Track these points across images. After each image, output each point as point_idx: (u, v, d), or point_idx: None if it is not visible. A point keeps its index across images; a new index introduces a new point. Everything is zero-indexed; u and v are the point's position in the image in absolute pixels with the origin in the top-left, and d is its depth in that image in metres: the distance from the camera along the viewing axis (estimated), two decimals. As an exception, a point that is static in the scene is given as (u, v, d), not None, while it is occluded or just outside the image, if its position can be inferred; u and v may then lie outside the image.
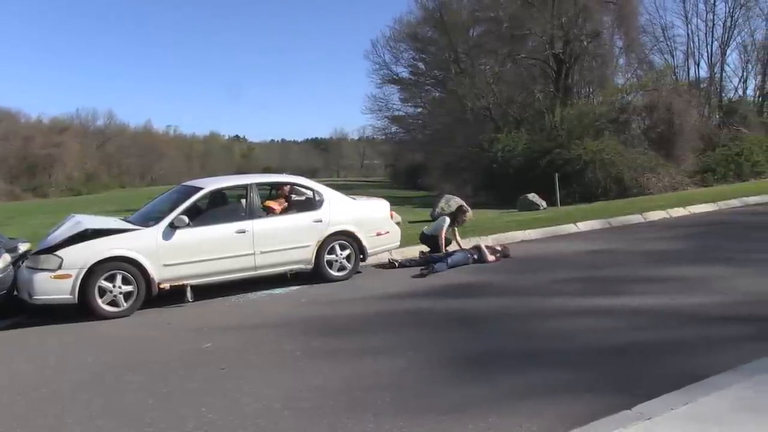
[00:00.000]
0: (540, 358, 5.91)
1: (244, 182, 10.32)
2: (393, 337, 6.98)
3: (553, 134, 29.01)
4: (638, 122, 31.06)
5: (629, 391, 4.88)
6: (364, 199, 11.82)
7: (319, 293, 9.54)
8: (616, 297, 8.03)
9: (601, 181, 25.32)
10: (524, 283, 9.35)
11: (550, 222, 15.45)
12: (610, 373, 5.38)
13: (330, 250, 10.32)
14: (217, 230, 9.47)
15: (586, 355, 5.87)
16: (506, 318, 7.42)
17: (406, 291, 9.40)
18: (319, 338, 7.06)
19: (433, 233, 11.98)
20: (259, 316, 8.32)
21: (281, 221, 10.11)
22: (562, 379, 5.34)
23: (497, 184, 28.83)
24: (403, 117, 53.28)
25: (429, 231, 12.14)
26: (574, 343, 6.27)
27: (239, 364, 6.29)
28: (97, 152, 79.28)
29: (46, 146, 68.28)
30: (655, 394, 4.68)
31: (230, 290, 9.73)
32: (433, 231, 12.03)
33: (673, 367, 5.42)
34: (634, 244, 12.26)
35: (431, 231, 12.08)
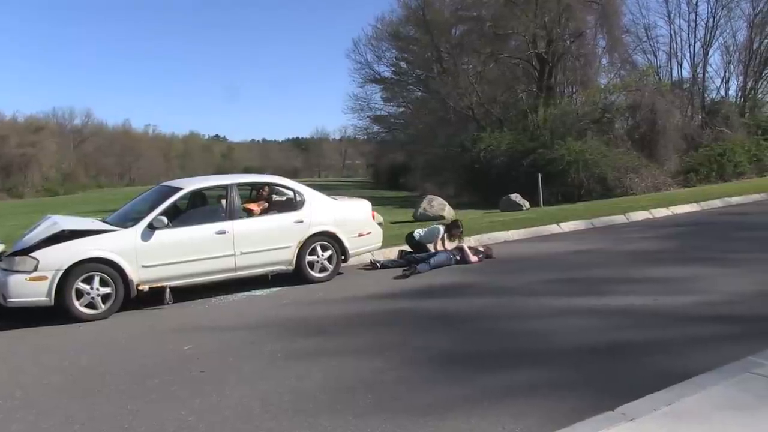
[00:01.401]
0: (523, 358, 5.94)
1: (224, 182, 10.28)
2: (375, 337, 6.99)
3: (536, 134, 29.15)
4: (621, 122, 31.26)
5: (612, 392, 4.92)
6: (345, 200, 11.81)
7: (301, 294, 9.53)
8: (599, 297, 8.09)
9: (584, 181, 25.45)
10: (507, 284, 9.39)
11: (533, 222, 15.52)
12: (593, 374, 5.42)
13: (311, 251, 10.31)
14: (197, 231, 9.44)
15: (569, 356, 5.91)
16: (489, 318, 7.45)
17: (388, 292, 9.41)
18: (300, 339, 7.06)
19: (427, 241, 11.99)
20: (240, 318, 8.30)
21: (262, 222, 10.09)
22: (545, 379, 5.37)
23: (480, 184, 28.91)
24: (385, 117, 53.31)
25: (422, 238, 12.09)
26: (557, 343, 6.31)
27: (219, 366, 6.27)
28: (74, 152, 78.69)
29: (21, 146, 67.60)
30: (638, 395, 4.71)
31: (210, 292, 9.70)
32: (427, 239, 12.02)
33: (656, 366, 5.46)
34: (618, 245, 12.35)
35: (425, 239, 12.06)
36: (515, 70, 35.07)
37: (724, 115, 32.91)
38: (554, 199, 24.14)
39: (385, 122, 53.58)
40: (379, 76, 49.17)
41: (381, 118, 53.37)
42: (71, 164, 75.34)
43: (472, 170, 30.06)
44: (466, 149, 31.18)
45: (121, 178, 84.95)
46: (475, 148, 30.25)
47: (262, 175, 12.79)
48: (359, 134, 60.86)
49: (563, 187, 25.48)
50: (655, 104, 28.80)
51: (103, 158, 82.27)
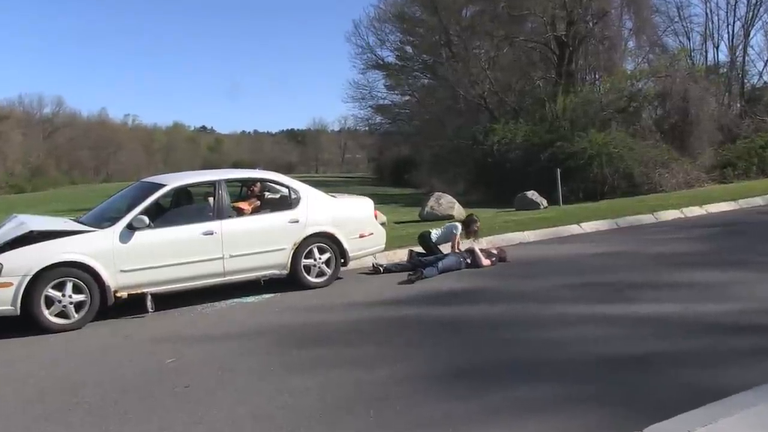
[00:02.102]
0: (538, 370, 5.96)
1: (211, 178, 10.29)
2: (377, 348, 7.01)
3: (554, 125, 29.08)
4: (649, 112, 31.11)
5: (638, 409, 4.92)
6: (345, 198, 11.82)
7: (296, 301, 9.56)
8: (623, 304, 8.10)
9: (607, 177, 25.39)
10: (522, 289, 9.42)
11: (551, 222, 15.54)
12: (616, 389, 5.43)
13: (307, 253, 10.33)
14: (182, 232, 9.46)
15: (589, 368, 5.93)
16: (501, 327, 7.47)
17: (391, 298, 9.43)
18: (296, 350, 7.08)
19: (443, 242, 12.03)
20: (229, 327, 8.32)
21: (253, 222, 10.11)
22: (561, 394, 5.39)
23: (492, 181, 28.86)
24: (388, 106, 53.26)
25: (438, 238, 12.14)
26: (576, 354, 6.33)
27: (206, 380, 6.30)
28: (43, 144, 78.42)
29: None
30: (668, 414, 4.69)
31: (196, 299, 9.72)
32: (444, 240, 12.07)
33: (687, 382, 5.46)
34: (644, 247, 12.35)
35: (441, 240, 12.10)
36: (532, 55, 35.03)
37: (766, 103, 32.74)
38: (574, 197, 24.10)
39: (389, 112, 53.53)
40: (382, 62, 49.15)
41: (384, 107, 53.31)
42: (40, 157, 74.94)
43: (484, 165, 30.03)
44: (477, 142, 31.15)
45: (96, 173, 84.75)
46: (488, 140, 30.21)
47: (254, 170, 12.82)
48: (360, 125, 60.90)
49: (584, 184, 25.43)
50: (687, 91, 28.68)
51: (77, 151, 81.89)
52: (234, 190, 11.11)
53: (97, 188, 48.62)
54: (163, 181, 10.23)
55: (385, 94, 52.43)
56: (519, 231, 14.54)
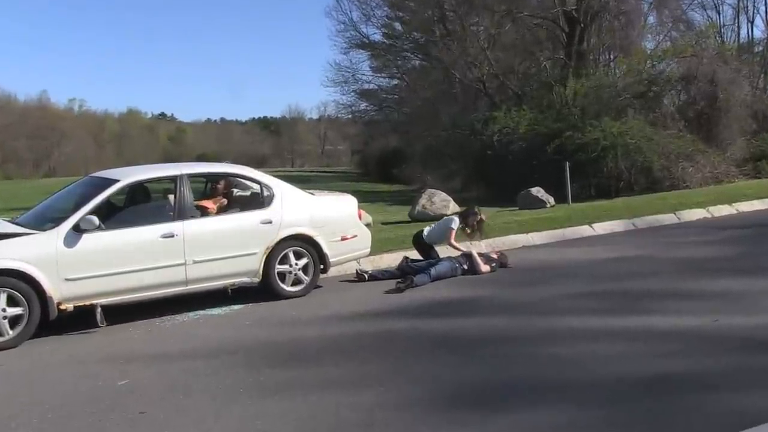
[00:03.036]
0: (544, 393, 5.94)
1: (172, 173, 10.25)
2: (362, 367, 6.99)
3: (563, 113, 29.15)
4: (672, 97, 31.17)
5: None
6: (325, 195, 11.82)
7: (269, 313, 9.54)
8: (642, 317, 8.11)
9: (623, 171, 25.48)
10: (526, 299, 9.42)
11: (560, 223, 15.57)
12: (636, 413, 5.42)
13: (282, 258, 10.31)
14: (137, 234, 9.41)
15: (604, 390, 5.91)
16: (503, 342, 7.46)
17: (377, 309, 9.42)
18: (268, 370, 7.05)
19: (436, 241, 12.00)
20: (191, 344, 8.28)
21: (220, 222, 10.09)
22: (571, 420, 5.38)
23: (492, 176, 28.90)
24: (374, 91, 53.25)
25: (430, 236, 12.10)
26: (588, 374, 6.32)
27: (164, 406, 6.25)
28: (-29, 133, 77.73)
29: None
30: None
31: (154, 311, 9.69)
32: (436, 237, 12.03)
33: (719, 406, 5.44)
34: (665, 251, 12.39)
35: (433, 237, 12.06)
36: (538, 33, 35.14)
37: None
38: (586, 194, 24.17)
39: (375, 98, 53.53)
40: (367, 40, 49.08)
41: (369, 92, 53.29)
42: (-34, 149, 74.35)
43: (483, 158, 30.07)
44: (475, 132, 31.20)
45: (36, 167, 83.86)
46: (487, 130, 30.26)
47: (221, 163, 12.78)
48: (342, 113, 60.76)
49: (597, 179, 25.50)
50: (715, 73, 28.70)
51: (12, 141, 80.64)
52: (198, 186, 11.05)
53: (38, 184, 48.23)
54: (115, 176, 10.18)
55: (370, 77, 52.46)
56: (522, 233, 14.57)
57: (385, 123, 51.97)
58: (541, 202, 20.98)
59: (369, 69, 51.74)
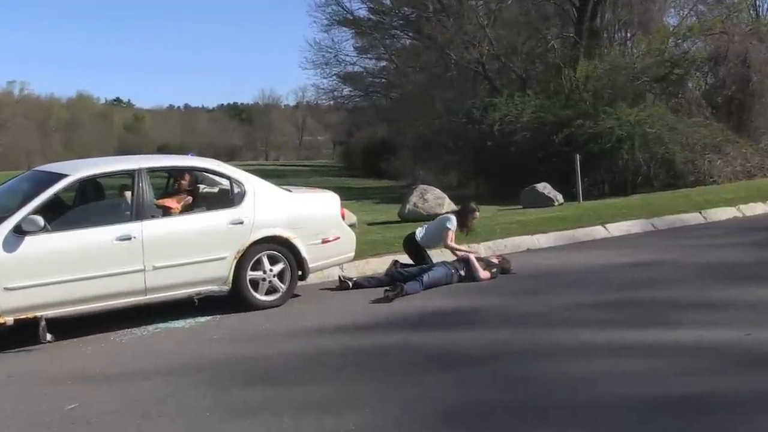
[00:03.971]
0: (553, 416, 5.94)
1: (129, 167, 10.21)
2: (344, 387, 6.97)
3: (573, 98, 29.23)
4: (698, 80, 31.21)
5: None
6: (304, 192, 11.82)
7: (239, 326, 9.53)
8: (664, 330, 8.11)
9: (641, 164, 25.54)
10: (531, 309, 9.43)
11: (569, 223, 15.61)
12: (654, 438, 5.42)
13: (255, 264, 10.29)
14: (89, 236, 9.37)
15: (618, 414, 5.91)
16: (505, 359, 7.45)
17: (363, 322, 9.42)
18: (238, 390, 7.03)
19: (431, 243, 11.98)
20: (151, 361, 8.25)
21: (184, 223, 10.07)
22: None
23: (493, 170, 29.00)
24: (359, 74, 53.35)
25: (424, 238, 12.08)
26: (603, 394, 6.31)
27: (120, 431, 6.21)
28: None
29: None
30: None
31: (108, 324, 9.65)
32: (431, 239, 12.01)
33: (747, 430, 5.45)
34: (690, 255, 12.42)
35: (427, 239, 12.04)
36: (544, 8, 35.21)
37: None
38: (598, 191, 24.25)
39: (360, 82, 53.62)
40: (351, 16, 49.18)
41: (354, 76, 53.38)
42: None
43: (482, 150, 30.13)
44: (473, 120, 31.23)
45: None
46: (487, 118, 30.30)
47: (185, 156, 12.73)
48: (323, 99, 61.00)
49: (612, 174, 25.58)
50: (748, 53, 28.71)
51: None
52: (159, 182, 11.02)
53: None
54: (64, 170, 10.14)
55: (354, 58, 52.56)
56: (527, 234, 14.59)
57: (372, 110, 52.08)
58: (547, 200, 21.00)
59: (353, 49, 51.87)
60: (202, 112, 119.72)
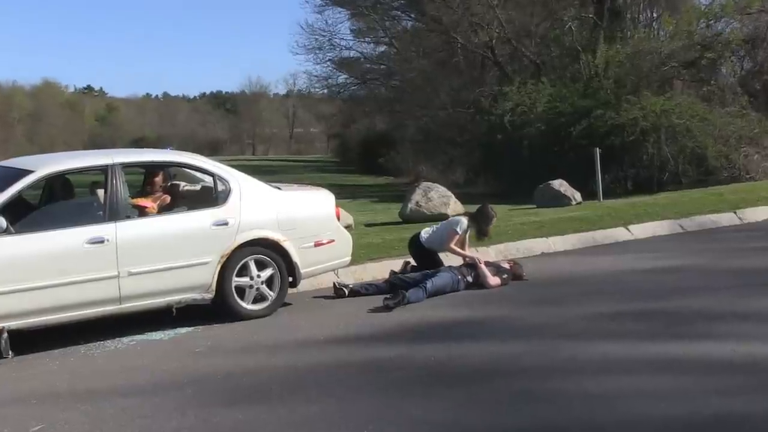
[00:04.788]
0: (573, 438, 5.94)
1: (101, 162, 10.19)
2: (339, 405, 6.97)
3: (592, 86, 29.21)
4: (732, 65, 31.12)
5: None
6: (295, 190, 11.81)
7: (224, 338, 9.53)
8: (693, 343, 8.12)
9: (669, 159, 25.54)
10: (545, 320, 9.44)
11: (588, 225, 15.63)
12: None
13: (241, 269, 10.30)
14: (56, 239, 9.37)
15: (644, 434, 5.91)
16: (517, 375, 7.47)
17: (360, 333, 9.43)
18: (223, 410, 7.02)
19: (437, 246, 11.99)
20: (126, 378, 8.24)
21: (163, 224, 10.08)
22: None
23: (504, 166, 28.98)
24: (356, 60, 53.20)
25: (429, 240, 12.08)
26: (623, 414, 6.31)
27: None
28: None
29: None
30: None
31: (78, 337, 9.65)
32: (438, 242, 12.02)
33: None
34: (722, 260, 12.44)
35: (434, 241, 12.04)
36: (560, -14, 35.20)
37: None
38: (621, 188, 24.27)
39: (357, 69, 53.47)
40: (347, -5, 49.14)
41: (350, 62, 53.23)
42: None
43: (491, 144, 30.14)
44: (482, 111, 31.29)
45: None
46: (497, 109, 30.31)
47: (164, 150, 12.73)
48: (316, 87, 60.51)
49: (635, 170, 25.59)
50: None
51: None
52: (135, 179, 11.02)
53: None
54: (28, 165, 10.15)
55: (351, 42, 52.34)
56: (541, 237, 14.63)
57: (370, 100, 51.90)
58: (564, 199, 20.99)
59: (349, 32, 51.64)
60: (182, 102, 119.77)
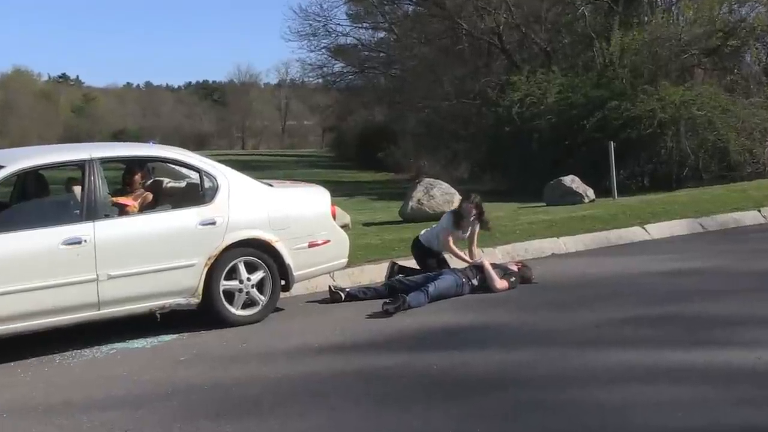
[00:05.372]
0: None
1: (79, 157, 10.18)
2: (335, 417, 6.98)
3: (607, 76, 29.24)
4: (757, 53, 31.11)
5: None
6: (288, 187, 11.81)
7: (211, 346, 9.54)
8: (714, 350, 8.13)
9: (688, 154, 25.56)
10: (556, 326, 9.46)
11: (602, 224, 15.65)
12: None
13: (230, 272, 10.30)
14: (30, 240, 9.37)
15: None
16: (525, 385, 7.47)
17: (357, 340, 9.44)
18: (211, 423, 7.03)
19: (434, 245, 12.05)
20: (106, 389, 8.24)
21: (145, 224, 10.09)
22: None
23: (511, 161, 28.99)
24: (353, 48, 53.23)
25: (429, 238, 12.18)
26: (638, 427, 6.31)
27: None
28: None
29: None
30: None
31: (54, 345, 9.64)
32: (433, 240, 12.10)
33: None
34: (746, 262, 12.44)
35: (430, 240, 12.14)
36: (573, -32, 35.20)
37: None
38: (637, 185, 24.32)
39: (354, 57, 53.49)
40: (344, -23, 49.12)
41: (347, 49, 53.25)
42: None
43: (498, 137, 30.17)
44: (488, 102, 31.29)
45: None
46: (505, 99, 30.34)
47: (146, 144, 12.73)
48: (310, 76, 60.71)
49: (652, 165, 25.63)
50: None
51: None
52: (115, 175, 11.02)
53: None
54: (0, 160, 10.15)
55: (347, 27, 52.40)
56: (551, 237, 14.65)
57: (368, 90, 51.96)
58: (576, 196, 21.01)
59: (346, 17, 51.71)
60: (165, 92, 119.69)
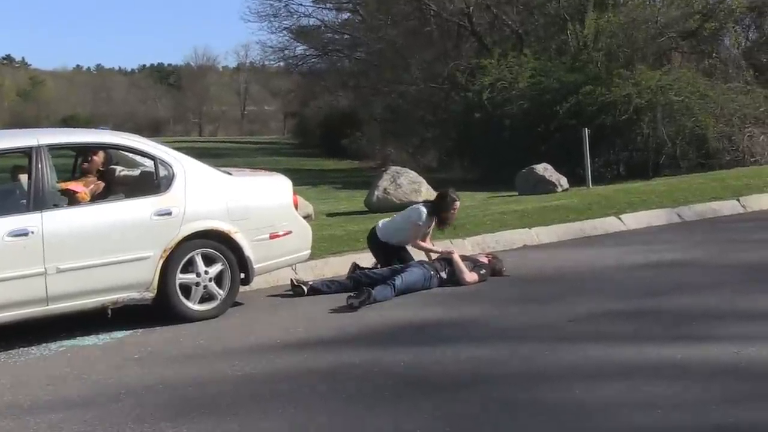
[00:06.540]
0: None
1: (25, 144, 10.09)
2: (298, 417, 6.96)
3: (581, 59, 29.32)
4: (736, 36, 31.29)
5: None
6: (247, 175, 11.78)
7: (167, 343, 9.50)
8: (694, 346, 8.16)
9: (665, 141, 25.68)
10: (529, 321, 9.46)
11: (576, 214, 15.70)
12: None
13: (186, 265, 10.27)
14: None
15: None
16: (497, 382, 7.48)
17: (321, 336, 9.42)
18: (166, 423, 6.99)
19: (398, 239, 11.98)
20: (54, 389, 8.19)
21: (96, 214, 10.02)
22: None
23: (481, 148, 29.02)
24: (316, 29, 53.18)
25: (388, 232, 12.10)
26: (617, 425, 6.34)
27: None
28: None
29: None
30: None
31: (0, 342, 9.56)
32: (398, 234, 12.02)
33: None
34: (725, 253, 12.52)
35: (393, 233, 12.05)
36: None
37: None
38: (612, 173, 24.42)
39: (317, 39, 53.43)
40: (306, -45, 49.03)
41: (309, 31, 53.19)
42: None
43: (468, 123, 30.19)
44: (458, 87, 31.30)
45: None
46: (475, 84, 30.35)
47: (97, 130, 12.66)
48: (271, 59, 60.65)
49: (628, 152, 25.74)
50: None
51: None
52: (64, 162, 10.95)
53: None
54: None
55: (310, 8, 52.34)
56: (523, 227, 14.68)
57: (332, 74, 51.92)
58: (549, 185, 21.09)
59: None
60: (118, 76, 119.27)
